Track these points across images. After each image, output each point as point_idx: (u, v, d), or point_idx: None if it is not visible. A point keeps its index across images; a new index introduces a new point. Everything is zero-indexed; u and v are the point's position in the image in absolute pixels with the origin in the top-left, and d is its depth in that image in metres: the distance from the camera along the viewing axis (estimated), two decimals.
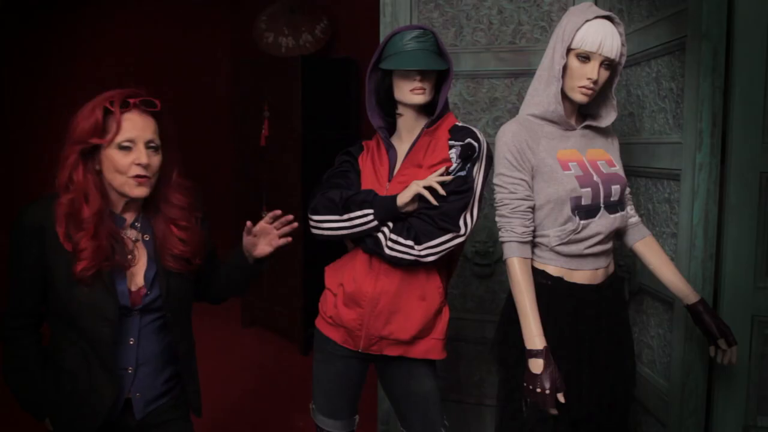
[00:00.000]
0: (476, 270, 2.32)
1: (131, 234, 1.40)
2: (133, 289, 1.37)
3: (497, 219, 1.56)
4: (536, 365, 1.42)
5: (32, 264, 1.32)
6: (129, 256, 1.37)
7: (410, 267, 1.59)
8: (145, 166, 1.31)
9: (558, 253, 1.54)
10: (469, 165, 1.57)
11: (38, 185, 1.42)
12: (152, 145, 1.33)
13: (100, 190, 1.34)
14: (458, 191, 1.55)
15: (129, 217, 1.40)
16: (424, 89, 1.59)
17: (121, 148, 1.31)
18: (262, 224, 1.52)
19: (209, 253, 1.53)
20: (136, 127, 1.31)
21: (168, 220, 1.41)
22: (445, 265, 1.68)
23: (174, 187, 1.42)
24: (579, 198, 1.50)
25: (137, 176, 1.31)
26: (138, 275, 1.38)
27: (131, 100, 1.32)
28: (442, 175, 1.55)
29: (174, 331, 1.43)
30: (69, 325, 1.34)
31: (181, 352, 1.45)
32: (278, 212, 1.52)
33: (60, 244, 1.30)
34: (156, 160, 1.34)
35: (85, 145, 1.31)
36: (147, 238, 1.41)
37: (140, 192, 1.33)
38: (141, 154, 1.30)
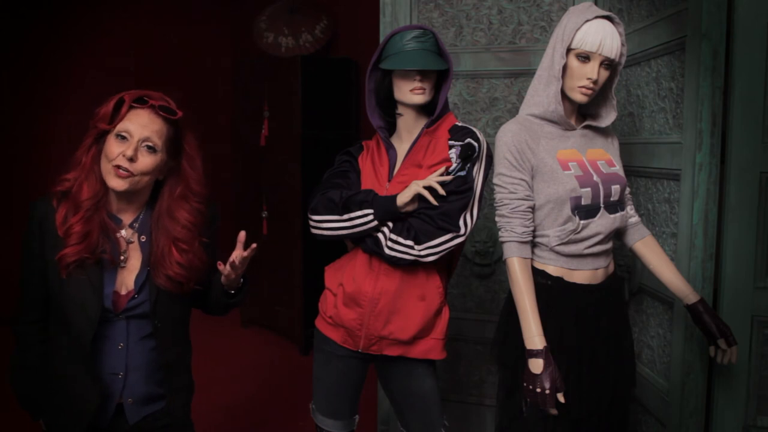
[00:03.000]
0: (476, 270, 2.32)
1: (126, 234, 1.39)
2: (123, 292, 1.36)
3: (497, 219, 1.56)
4: (536, 365, 1.42)
5: (36, 255, 1.34)
6: (121, 257, 1.37)
7: (410, 267, 1.59)
8: (129, 159, 1.30)
9: (558, 253, 1.54)
10: (469, 165, 1.57)
11: (38, 185, 1.43)
12: (148, 144, 1.32)
13: (100, 177, 1.35)
14: (458, 191, 1.55)
15: (126, 217, 1.40)
16: (424, 89, 1.59)
17: (118, 136, 1.31)
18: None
19: (210, 270, 1.48)
20: (137, 121, 1.32)
21: (170, 238, 1.37)
22: (445, 265, 1.68)
23: (180, 203, 1.39)
24: (579, 198, 1.50)
25: (118, 167, 1.30)
26: (129, 278, 1.37)
27: (150, 101, 1.33)
28: (442, 175, 1.56)
29: (161, 339, 1.39)
30: (60, 324, 1.35)
31: (167, 361, 1.42)
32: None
33: (56, 234, 1.31)
34: (148, 160, 1.32)
35: (97, 130, 1.33)
36: (144, 239, 1.39)
37: (117, 184, 1.31)
38: (130, 147, 1.30)
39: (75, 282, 1.31)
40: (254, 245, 1.35)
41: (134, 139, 1.31)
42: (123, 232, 1.39)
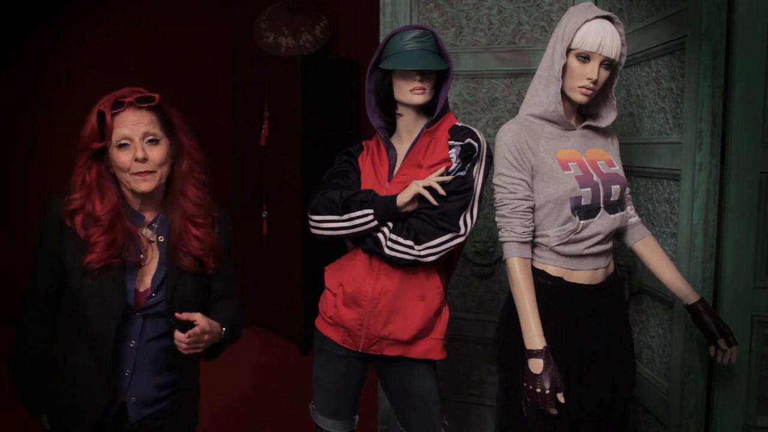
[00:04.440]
0: (476, 270, 2.32)
1: (147, 233, 1.41)
2: (141, 289, 1.37)
3: (497, 219, 1.56)
4: (536, 365, 1.42)
5: (50, 252, 1.35)
6: (141, 255, 1.38)
7: (410, 267, 1.59)
8: (143, 161, 1.32)
9: (558, 253, 1.54)
10: (469, 165, 1.57)
11: (38, 185, 1.43)
12: (150, 138, 1.34)
13: (116, 188, 1.37)
14: (458, 191, 1.55)
15: (148, 215, 1.41)
16: (424, 89, 1.59)
17: (120, 146, 1.33)
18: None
19: (225, 276, 1.48)
20: (128, 124, 1.32)
21: (185, 216, 1.40)
22: (445, 265, 1.68)
23: (189, 180, 1.42)
24: (579, 198, 1.50)
25: (138, 172, 1.33)
26: (147, 277, 1.39)
27: (125, 100, 1.33)
28: (441, 175, 1.56)
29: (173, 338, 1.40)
30: (75, 321, 1.35)
31: (180, 360, 1.41)
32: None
33: (77, 234, 1.32)
34: (156, 152, 1.34)
35: (90, 151, 1.34)
36: (162, 239, 1.41)
37: (145, 186, 1.34)
38: (137, 149, 1.32)
39: (99, 278, 1.32)
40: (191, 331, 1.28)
41: (136, 141, 1.32)
42: (144, 231, 1.40)
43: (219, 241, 1.46)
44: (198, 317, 1.29)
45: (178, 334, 1.28)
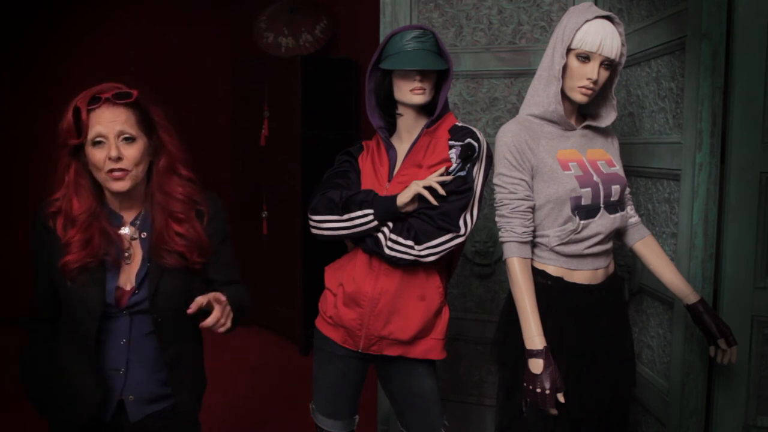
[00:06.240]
0: (476, 270, 2.32)
1: (129, 231, 1.39)
2: (127, 287, 1.36)
3: (497, 219, 1.56)
4: (536, 365, 1.43)
5: (40, 258, 1.36)
6: (125, 254, 1.37)
7: (410, 267, 1.59)
8: (117, 159, 1.29)
9: (558, 253, 1.54)
10: (469, 165, 1.57)
11: (38, 185, 1.42)
12: (125, 136, 1.31)
13: (92, 187, 1.35)
14: (458, 191, 1.55)
15: (128, 215, 1.40)
16: (424, 89, 1.59)
17: (95, 144, 1.30)
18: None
19: (223, 265, 1.46)
20: (103, 121, 1.29)
21: (166, 213, 1.37)
22: (445, 265, 1.68)
23: (169, 177, 1.39)
24: (579, 198, 1.50)
25: (111, 171, 1.30)
26: (132, 274, 1.38)
27: (102, 96, 1.30)
28: (442, 175, 1.56)
29: (162, 335, 1.38)
30: (66, 320, 1.36)
31: (170, 357, 1.41)
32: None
33: (59, 236, 1.32)
34: (131, 151, 1.31)
35: (67, 147, 1.32)
36: (144, 236, 1.40)
37: (119, 186, 1.31)
38: (111, 148, 1.28)
39: (78, 282, 1.32)
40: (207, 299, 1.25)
41: (110, 139, 1.29)
42: (126, 230, 1.39)
43: (208, 233, 1.42)
44: (200, 299, 1.25)
45: (205, 322, 1.25)
